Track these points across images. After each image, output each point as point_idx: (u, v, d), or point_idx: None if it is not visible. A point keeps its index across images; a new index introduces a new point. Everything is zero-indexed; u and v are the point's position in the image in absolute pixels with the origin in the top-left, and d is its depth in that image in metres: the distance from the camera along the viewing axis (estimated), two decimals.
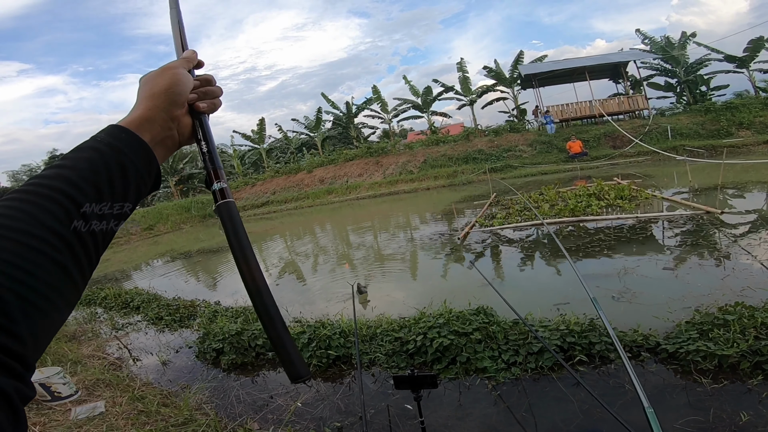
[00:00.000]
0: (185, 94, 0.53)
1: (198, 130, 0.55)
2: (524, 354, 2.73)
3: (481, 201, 11.33)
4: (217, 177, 0.52)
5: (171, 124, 0.52)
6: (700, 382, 2.31)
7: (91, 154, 0.42)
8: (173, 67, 0.54)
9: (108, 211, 0.41)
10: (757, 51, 20.34)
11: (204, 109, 0.56)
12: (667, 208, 7.18)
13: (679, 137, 17.39)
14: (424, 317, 3.41)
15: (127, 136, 0.46)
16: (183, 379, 3.83)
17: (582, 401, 2.36)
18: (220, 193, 0.51)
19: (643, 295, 3.75)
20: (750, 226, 5.61)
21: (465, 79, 25.03)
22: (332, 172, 23.63)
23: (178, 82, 0.52)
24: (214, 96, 0.59)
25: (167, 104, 0.51)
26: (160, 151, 0.50)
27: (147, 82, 0.53)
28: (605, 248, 5.42)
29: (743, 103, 18.54)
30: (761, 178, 8.91)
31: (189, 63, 0.58)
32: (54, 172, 0.40)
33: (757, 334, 2.40)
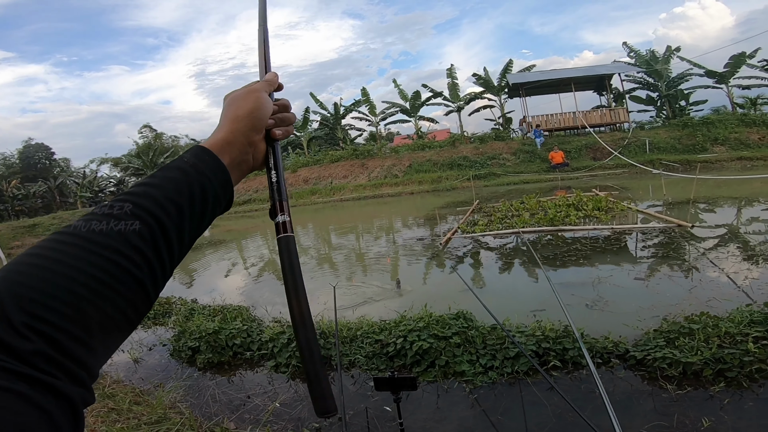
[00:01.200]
0: (265, 120, 0.54)
1: (270, 158, 0.55)
2: (501, 358, 2.81)
3: (463, 207, 11.49)
4: (282, 210, 0.52)
5: (248, 149, 0.52)
6: (666, 389, 2.42)
7: (177, 174, 0.43)
8: (257, 90, 0.54)
9: (186, 232, 0.42)
10: (738, 66, 20.96)
11: (279, 137, 0.56)
12: (642, 221, 7.45)
13: (656, 151, 17.92)
14: (405, 320, 3.45)
15: (210, 158, 0.47)
16: (156, 378, 3.76)
17: (555, 405, 2.44)
18: (282, 226, 0.51)
19: (615, 303, 3.89)
20: (718, 240, 5.88)
21: (454, 86, 25.35)
22: (317, 172, 23.53)
23: (261, 107, 0.53)
24: (289, 123, 0.58)
25: (248, 129, 0.51)
26: (235, 175, 0.51)
27: (231, 104, 0.53)
28: (581, 258, 5.59)
29: (720, 119, 19.14)
30: (732, 194, 9.34)
31: (270, 86, 0.58)
32: (143, 190, 0.41)
33: (721, 342, 2.53)
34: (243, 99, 0.53)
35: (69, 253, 0.34)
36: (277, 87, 0.60)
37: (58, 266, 0.33)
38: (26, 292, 0.31)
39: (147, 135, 37.65)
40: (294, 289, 0.47)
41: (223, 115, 0.52)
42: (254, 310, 5.23)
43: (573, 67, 27.03)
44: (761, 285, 3.96)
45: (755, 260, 4.76)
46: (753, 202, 8.55)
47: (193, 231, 0.44)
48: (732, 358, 2.39)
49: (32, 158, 36.98)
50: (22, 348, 0.29)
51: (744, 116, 19.62)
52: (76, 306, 0.32)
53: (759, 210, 8.00)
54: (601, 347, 2.79)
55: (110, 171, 36.72)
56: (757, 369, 2.34)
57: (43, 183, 33.94)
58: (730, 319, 2.75)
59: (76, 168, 40.12)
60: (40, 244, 0.36)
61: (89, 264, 0.34)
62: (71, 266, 0.34)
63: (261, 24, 0.65)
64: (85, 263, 0.34)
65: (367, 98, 26.68)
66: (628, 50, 23.68)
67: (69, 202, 34.15)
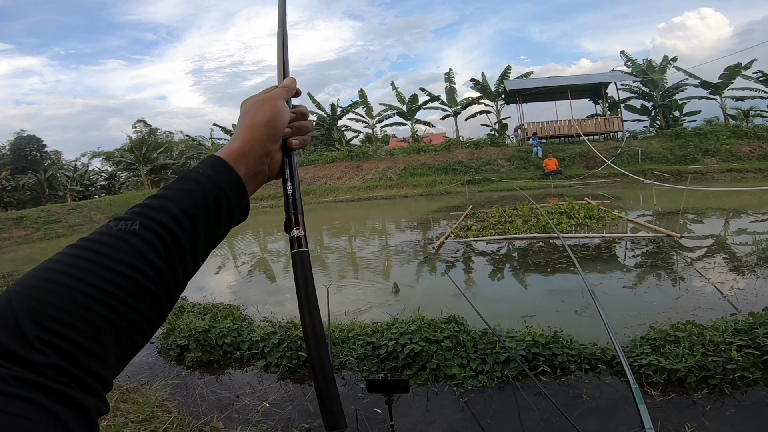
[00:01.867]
0: (282, 129, 0.52)
1: (286, 169, 0.53)
2: (491, 363, 2.84)
3: (457, 212, 11.55)
4: (297, 224, 0.50)
5: (264, 159, 0.50)
6: (650, 394, 2.47)
7: (193, 186, 0.43)
8: (275, 97, 0.52)
9: (201, 245, 0.42)
10: (733, 78, 21.14)
11: (296, 146, 0.54)
12: (631, 230, 7.56)
13: (648, 161, 18.14)
14: (397, 323, 3.47)
15: (225, 170, 0.46)
16: (142, 375, 3.71)
17: (543, 410, 2.48)
18: (297, 241, 0.49)
19: (604, 311, 3.94)
20: (706, 250, 5.99)
21: (451, 90, 25.48)
22: (311, 172, 23.51)
23: (278, 116, 0.51)
24: (306, 131, 0.56)
25: (265, 138, 0.49)
26: (251, 186, 0.49)
27: (248, 111, 0.51)
28: (572, 265, 5.65)
29: (712, 130, 19.37)
30: (720, 205, 9.51)
31: (288, 93, 0.55)
32: (158, 203, 0.40)
33: (705, 350, 2.59)
34: (260, 107, 0.51)
35: (83, 268, 0.34)
36: (295, 93, 0.58)
37: (71, 281, 0.33)
38: (40, 306, 0.32)
39: (141, 130, 37.30)
40: (307, 305, 0.46)
41: (239, 122, 0.51)
42: (245, 309, 5.21)
43: (570, 75, 27.21)
44: (746, 295, 4.05)
45: (741, 271, 4.86)
46: (741, 214, 8.72)
47: (208, 244, 0.43)
48: (715, 366, 2.45)
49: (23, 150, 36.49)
50: (36, 361, 0.29)
51: (736, 128, 19.84)
52: (90, 320, 0.32)
53: (747, 222, 8.16)
54: (589, 353, 2.84)
55: (102, 165, 36.34)
56: (740, 377, 2.41)
57: (33, 175, 33.46)
58: (715, 327, 2.82)
59: (67, 161, 39.65)
60: (54, 257, 0.36)
61: (103, 279, 0.34)
62: (85, 281, 0.34)
63: (280, 26, 0.62)
64: (99, 278, 0.34)
65: (364, 100, 26.74)
66: (626, 59, 23.88)
67: (58, 195, 33.68)
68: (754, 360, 2.45)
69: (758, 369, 2.41)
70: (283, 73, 0.59)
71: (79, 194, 31.69)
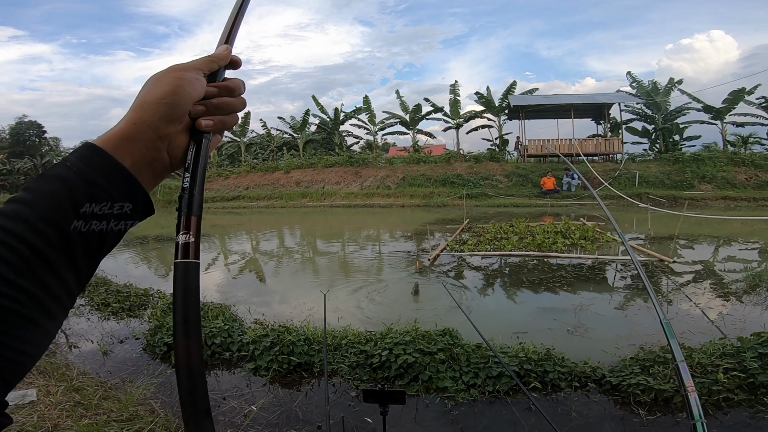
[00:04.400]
0: (185, 106, 0.42)
1: (189, 154, 0.42)
2: (484, 377, 2.86)
3: (453, 225, 11.60)
4: (187, 227, 0.40)
5: (159, 144, 0.40)
6: (637, 413, 2.51)
7: (57, 186, 0.35)
8: (181, 69, 0.43)
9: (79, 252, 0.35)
10: (736, 102, 21.12)
11: (207, 128, 0.43)
12: (624, 253, 7.64)
13: (645, 184, 18.24)
14: (391, 333, 3.48)
15: (101, 160, 0.37)
16: (125, 372, 3.67)
17: (532, 426, 2.50)
18: (184, 248, 0.39)
19: (595, 330, 4.01)
20: (695, 275, 6.09)
21: (455, 102, 25.54)
22: (310, 175, 23.55)
23: (179, 90, 0.41)
24: (230, 111, 0.46)
25: (157, 118, 0.40)
26: (146, 176, 0.40)
27: (145, 85, 0.42)
28: (565, 284, 5.71)
29: (710, 156, 19.42)
30: (712, 232, 9.65)
31: (212, 63, 0.45)
32: (11, 209, 0.33)
33: (693, 372, 2.64)
34: (158, 81, 0.42)
35: None
36: (231, 64, 0.47)
37: None
38: None
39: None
40: (184, 328, 0.37)
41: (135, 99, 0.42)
42: (236, 309, 5.19)
43: (574, 94, 27.41)
44: (734, 320, 4.15)
45: (728, 297, 4.95)
46: (732, 242, 8.86)
47: (94, 251, 0.36)
48: (701, 387, 2.50)
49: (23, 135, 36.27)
50: None
51: (734, 155, 19.92)
52: None
53: (736, 249, 8.29)
54: (580, 372, 2.87)
55: None
56: (725, 398, 2.46)
57: (29, 160, 33.28)
58: (703, 350, 2.88)
59: (65, 148, 39.46)
60: None
61: None
62: None
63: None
64: None
65: (368, 106, 26.85)
66: (631, 80, 23.78)
67: None
68: (740, 382, 2.51)
69: (743, 391, 2.48)
70: (226, 38, 0.48)
71: None
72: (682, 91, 22.67)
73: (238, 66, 0.49)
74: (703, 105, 22.22)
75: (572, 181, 18.89)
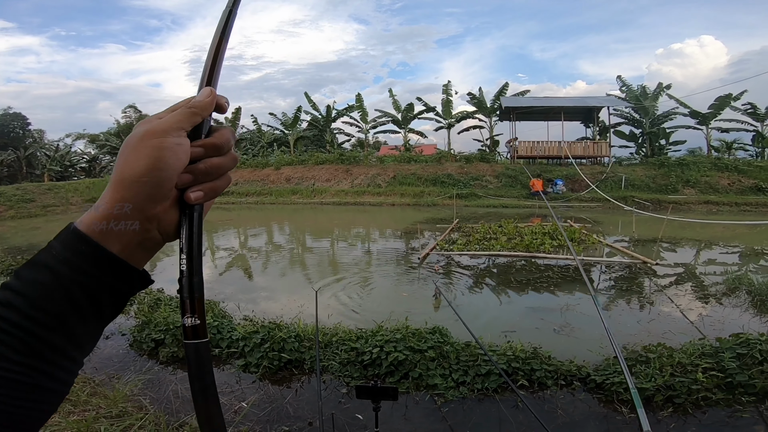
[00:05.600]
0: (170, 181, 0.37)
1: (182, 232, 0.39)
2: (473, 375, 2.92)
3: (443, 224, 11.69)
4: (193, 310, 0.38)
5: (148, 225, 0.37)
6: (620, 411, 2.60)
7: (46, 276, 0.34)
8: (160, 133, 0.37)
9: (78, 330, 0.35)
10: (722, 108, 21.42)
11: (197, 201, 0.39)
12: (609, 254, 7.81)
13: (631, 188, 18.52)
14: (382, 331, 3.52)
15: (88, 248, 0.35)
16: (111, 368, 3.64)
17: (519, 423, 2.57)
18: (192, 331, 0.38)
19: (581, 330, 4.11)
20: (676, 278, 6.26)
21: (448, 102, 25.69)
22: (300, 172, 23.44)
23: (158, 164, 0.36)
24: (221, 173, 0.41)
25: (141, 199, 0.36)
26: (138, 256, 0.38)
27: (122, 153, 0.37)
28: (552, 285, 5.82)
29: (694, 161, 19.76)
30: (695, 236, 9.91)
31: (194, 117, 0.39)
32: (3, 297, 0.33)
33: (673, 371, 2.74)
34: (134, 151, 0.37)
35: None
36: (217, 109, 0.41)
37: None
38: None
39: (131, 115, 36.74)
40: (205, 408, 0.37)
41: (113, 172, 0.38)
42: (225, 305, 5.17)
43: (565, 97, 27.79)
44: (713, 321, 4.31)
45: (708, 299, 5.12)
46: (713, 245, 9.11)
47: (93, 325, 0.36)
48: (681, 386, 2.60)
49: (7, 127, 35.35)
50: None
51: (717, 160, 20.28)
52: None
53: (717, 253, 8.53)
54: (566, 370, 2.95)
55: (85, 147, 35.57)
56: (703, 397, 2.56)
57: (12, 152, 32.45)
58: (683, 350, 3.00)
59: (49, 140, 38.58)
60: None
61: None
62: None
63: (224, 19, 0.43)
64: None
65: (360, 104, 26.82)
66: (621, 84, 24.06)
67: (35, 174, 32.73)
68: (718, 382, 2.62)
69: (721, 390, 2.58)
70: (207, 79, 0.42)
71: (57, 174, 30.89)
72: (670, 95, 23.02)
73: (224, 110, 0.42)
74: (690, 110, 22.55)
75: (555, 187, 19.32)
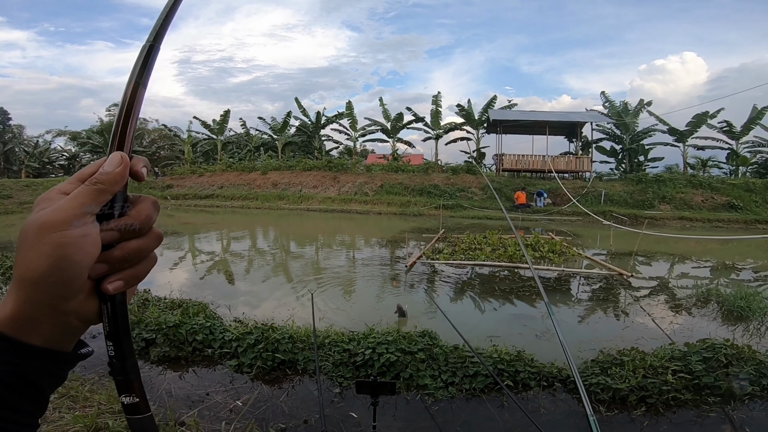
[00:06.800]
0: (79, 279, 0.34)
1: (105, 318, 0.37)
2: (461, 375, 3.09)
3: (429, 234, 11.90)
4: (130, 390, 0.38)
5: (65, 318, 0.35)
6: (598, 410, 2.80)
7: None
8: (59, 225, 0.32)
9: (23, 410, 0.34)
10: (699, 126, 22.21)
11: (116, 291, 0.36)
12: (588, 266, 8.15)
13: (610, 203, 19.11)
14: (373, 333, 3.66)
15: (7, 345, 0.33)
16: (100, 368, 3.55)
17: (506, 421, 2.75)
18: (132, 408, 0.37)
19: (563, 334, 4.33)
20: (650, 290, 6.61)
21: (436, 113, 26.10)
22: (288, 178, 23.42)
23: (61, 264, 0.32)
24: (142, 257, 0.37)
25: (50, 298, 0.33)
26: (64, 341, 0.36)
27: (19, 249, 0.33)
28: (534, 294, 6.07)
29: (670, 178, 20.53)
30: (669, 250, 10.38)
31: (102, 195, 0.35)
32: None
33: (645, 373, 2.98)
34: (32, 248, 0.33)
35: None
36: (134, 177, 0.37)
37: None
38: None
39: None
40: None
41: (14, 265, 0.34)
42: (215, 307, 5.20)
43: (550, 111, 28.43)
44: (683, 330, 4.66)
45: (679, 310, 5.46)
46: (685, 260, 9.58)
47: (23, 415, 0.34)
48: (653, 387, 2.83)
49: None
50: None
51: (693, 177, 21.12)
52: None
53: (689, 267, 8.99)
54: (548, 372, 3.16)
55: (65, 144, 34.68)
56: (673, 397, 2.80)
57: None
58: (655, 354, 3.25)
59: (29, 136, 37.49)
60: None
61: None
62: None
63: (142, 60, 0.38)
64: None
65: (350, 112, 27.05)
66: (605, 99, 24.83)
67: (13, 170, 31.72)
68: (686, 383, 2.87)
69: (689, 391, 2.83)
70: (118, 140, 0.37)
71: (35, 171, 30.05)
72: (650, 112, 23.79)
73: (142, 178, 0.38)
74: (669, 127, 23.30)
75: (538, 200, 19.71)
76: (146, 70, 0.38)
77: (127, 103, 0.37)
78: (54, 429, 2.44)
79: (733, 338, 3.69)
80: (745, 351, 3.15)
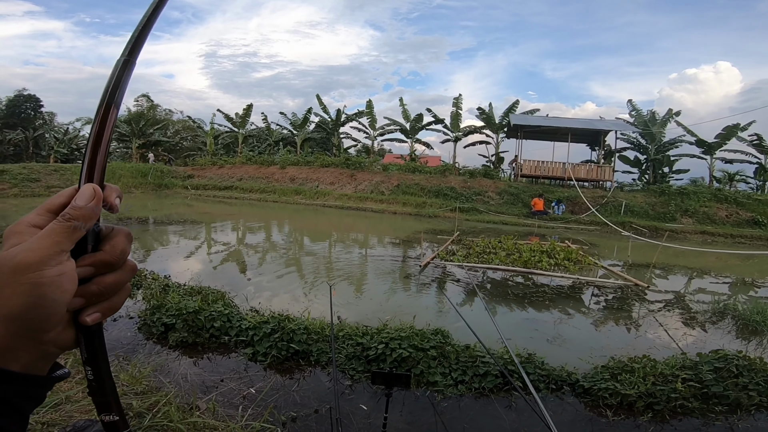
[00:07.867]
0: (57, 316, 0.35)
1: (83, 345, 0.38)
2: (471, 374, 3.15)
3: (443, 236, 11.92)
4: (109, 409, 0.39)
5: (43, 347, 0.36)
6: (605, 415, 2.84)
7: None
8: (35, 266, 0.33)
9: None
10: (728, 138, 21.25)
11: (94, 322, 0.38)
12: (603, 276, 8.05)
13: (630, 213, 18.57)
14: (386, 329, 3.73)
15: None
16: (121, 350, 3.76)
17: (513, 421, 2.80)
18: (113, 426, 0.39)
19: (572, 341, 4.40)
20: (665, 303, 6.52)
21: (456, 115, 25.83)
22: (305, 173, 23.68)
23: (38, 303, 0.33)
24: (117, 289, 0.39)
25: (28, 334, 0.34)
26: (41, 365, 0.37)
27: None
28: (547, 300, 6.06)
29: (695, 191, 19.71)
30: (687, 264, 10.16)
31: (75, 233, 0.35)
32: None
33: (655, 381, 3.00)
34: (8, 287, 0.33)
35: None
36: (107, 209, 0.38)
37: None
38: None
39: (142, 104, 37.25)
40: None
41: None
42: (234, 296, 5.33)
43: (574, 118, 27.64)
44: (696, 342, 4.64)
45: (693, 323, 5.40)
46: (704, 275, 9.36)
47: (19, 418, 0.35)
48: (661, 394, 2.85)
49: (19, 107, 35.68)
50: None
51: (718, 191, 20.29)
52: None
53: (708, 282, 8.78)
54: (557, 376, 3.19)
55: None
56: (681, 405, 2.81)
57: (21, 131, 32.73)
58: (666, 363, 3.26)
59: (59, 123, 38.93)
60: None
61: None
62: None
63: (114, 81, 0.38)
64: None
65: (370, 111, 27.13)
66: (631, 108, 23.86)
67: (41, 155, 32.95)
68: (695, 392, 2.88)
69: (696, 400, 2.84)
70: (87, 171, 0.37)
71: (63, 157, 31.14)
72: (678, 123, 22.91)
73: (116, 210, 0.38)
74: (697, 138, 22.48)
75: (556, 207, 19.37)
76: (119, 88, 0.37)
77: (97, 129, 0.36)
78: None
79: (746, 351, 3.65)
80: (757, 362, 3.13)
